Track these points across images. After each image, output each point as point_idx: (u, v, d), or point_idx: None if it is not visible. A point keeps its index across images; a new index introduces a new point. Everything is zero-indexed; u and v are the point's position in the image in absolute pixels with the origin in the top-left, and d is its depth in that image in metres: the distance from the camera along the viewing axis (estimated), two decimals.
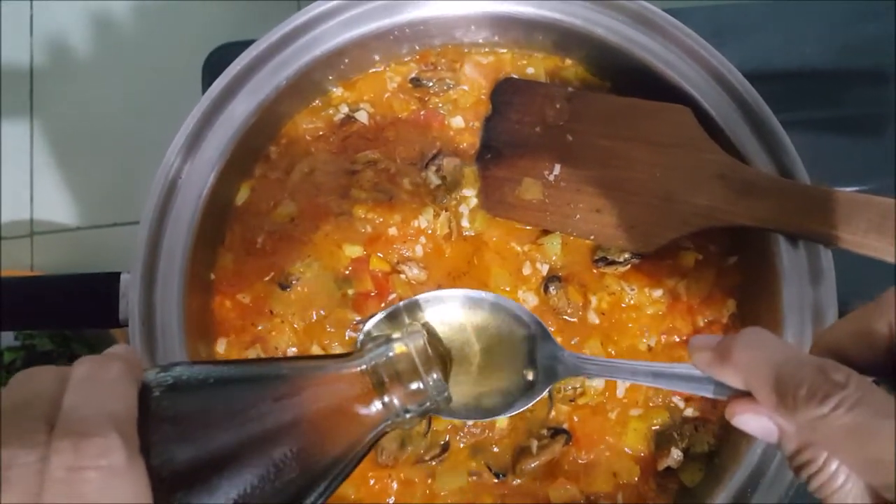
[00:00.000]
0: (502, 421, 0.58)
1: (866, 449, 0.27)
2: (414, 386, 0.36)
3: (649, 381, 0.41)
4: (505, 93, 0.65)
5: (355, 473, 0.56)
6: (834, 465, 0.30)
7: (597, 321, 0.60)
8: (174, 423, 0.31)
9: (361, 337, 0.48)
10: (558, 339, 0.59)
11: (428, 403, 0.37)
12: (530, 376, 0.47)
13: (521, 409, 0.47)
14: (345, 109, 0.66)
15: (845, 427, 0.28)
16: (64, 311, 0.56)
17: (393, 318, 0.48)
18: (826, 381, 0.29)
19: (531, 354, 0.47)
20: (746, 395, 0.33)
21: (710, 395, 0.35)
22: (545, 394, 0.47)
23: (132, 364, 0.32)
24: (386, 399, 0.36)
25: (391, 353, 0.37)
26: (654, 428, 0.58)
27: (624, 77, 0.63)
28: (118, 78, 1.01)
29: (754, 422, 0.32)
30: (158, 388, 0.32)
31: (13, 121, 1.01)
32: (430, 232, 0.62)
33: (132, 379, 0.31)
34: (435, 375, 0.37)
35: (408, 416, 0.37)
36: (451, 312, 0.48)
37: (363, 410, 0.35)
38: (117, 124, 0.99)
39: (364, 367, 0.37)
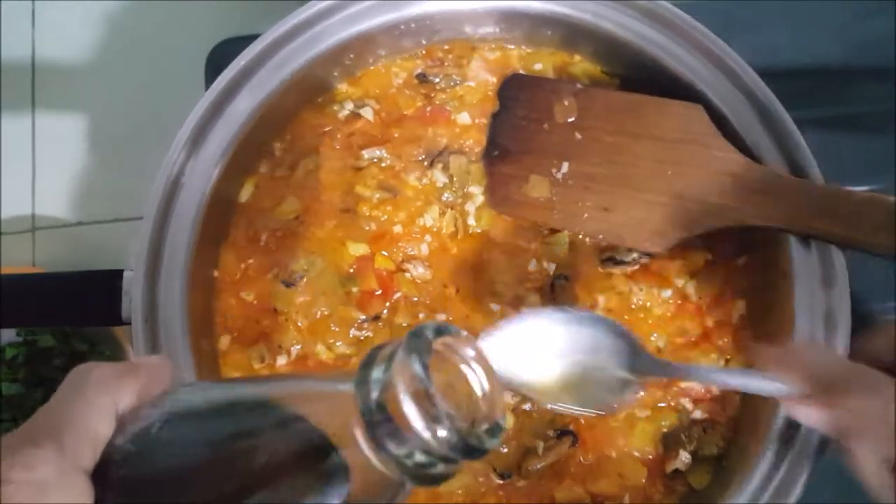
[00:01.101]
0: (508, 422, 0.57)
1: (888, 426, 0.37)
2: (413, 431, 0.25)
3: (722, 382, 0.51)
4: (512, 89, 0.64)
5: None
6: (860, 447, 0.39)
7: None
8: (140, 452, 0.27)
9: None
10: None
11: (444, 452, 0.25)
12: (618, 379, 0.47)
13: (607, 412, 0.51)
14: (349, 106, 0.65)
15: (870, 410, 0.38)
16: (66, 308, 0.56)
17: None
18: (861, 379, 0.40)
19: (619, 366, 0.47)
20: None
21: (775, 393, 0.43)
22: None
23: (130, 374, 0.29)
24: (382, 444, 0.25)
25: (379, 387, 0.25)
26: (661, 430, 0.57)
27: (634, 73, 0.62)
28: (121, 72, 1.01)
29: (814, 414, 0.41)
30: (148, 413, 0.28)
31: (14, 114, 1.00)
32: (435, 230, 0.61)
33: (112, 388, 0.28)
34: (442, 426, 0.25)
35: (433, 469, 0.26)
36: (532, 333, 0.46)
37: (352, 455, 0.26)
38: (119, 119, 0.98)
39: (353, 395, 0.26)
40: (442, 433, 0.25)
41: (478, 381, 0.28)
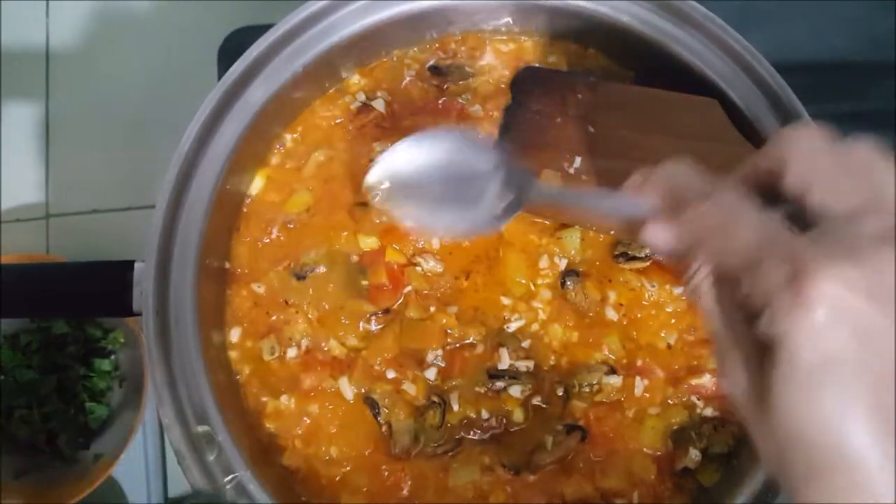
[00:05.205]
0: (518, 416, 0.57)
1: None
2: None
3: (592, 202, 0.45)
4: (525, 82, 0.63)
5: (368, 465, 0.57)
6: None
7: (615, 318, 0.59)
8: None
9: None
10: (574, 335, 0.58)
11: None
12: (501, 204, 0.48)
13: (486, 231, 0.52)
14: (362, 97, 0.64)
15: (709, 215, 0.33)
16: (77, 299, 0.56)
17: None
18: (706, 188, 0.35)
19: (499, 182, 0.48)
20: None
21: (638, 213, 0.38)
22: None
23: None
24: None
25: None
26: (671, 427, 0.57)
27: (649, 67, 0.62)
28: (134, 60, 1.01)
29: (660, 232, 0.36)
30: None
31: (28, 102, 1.00)
32: None
33: None
34: None
35: None
36: (420, 153, 0.51)
37: None
38: (133, 107, 0.98)
39: None
40: None
41: None
